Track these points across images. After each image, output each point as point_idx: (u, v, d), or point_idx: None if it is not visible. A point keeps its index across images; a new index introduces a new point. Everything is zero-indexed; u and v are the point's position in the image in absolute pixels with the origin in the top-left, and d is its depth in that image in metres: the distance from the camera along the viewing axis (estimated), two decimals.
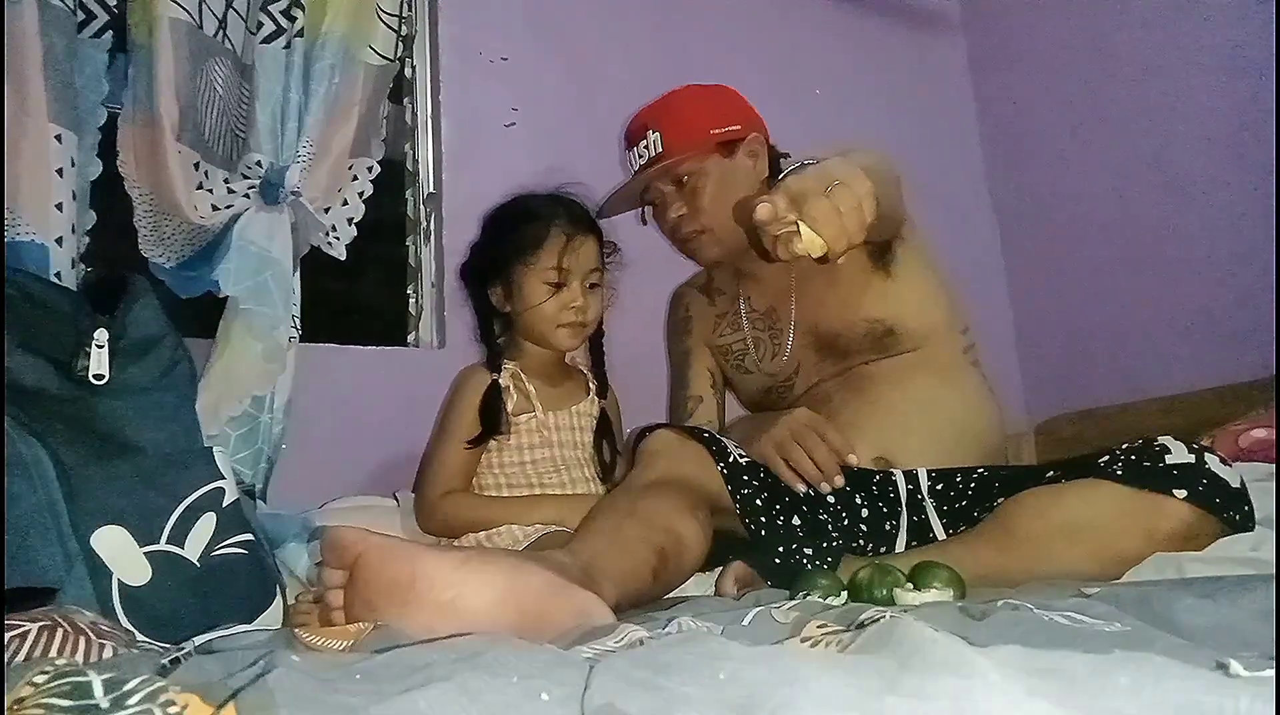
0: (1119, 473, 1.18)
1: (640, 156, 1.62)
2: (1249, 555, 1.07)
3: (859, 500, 1.40)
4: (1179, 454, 1.17)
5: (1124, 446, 1.22)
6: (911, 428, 1.47)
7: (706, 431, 1.36)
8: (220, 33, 1.71)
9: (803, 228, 1.05)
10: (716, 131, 1.61)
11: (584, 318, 1.58)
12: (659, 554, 1.15)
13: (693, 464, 1.30)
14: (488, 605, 0.85)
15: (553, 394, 1.65)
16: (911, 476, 1.43)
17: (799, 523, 1.30)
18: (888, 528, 1.40)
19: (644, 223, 1.73)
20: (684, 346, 1.79)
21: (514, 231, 1.61)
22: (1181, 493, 1.13)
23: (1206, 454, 1.18)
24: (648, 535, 1.16)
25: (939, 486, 1.41)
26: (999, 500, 1.29)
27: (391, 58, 1.81)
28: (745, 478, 1.30)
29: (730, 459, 1.32)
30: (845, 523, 1.36)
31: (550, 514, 1.51)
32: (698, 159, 1.58)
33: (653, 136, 1.60)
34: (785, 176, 1.18)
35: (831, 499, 1.37)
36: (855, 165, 1.11)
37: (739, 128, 1.63)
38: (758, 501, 1.29)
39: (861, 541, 1.37)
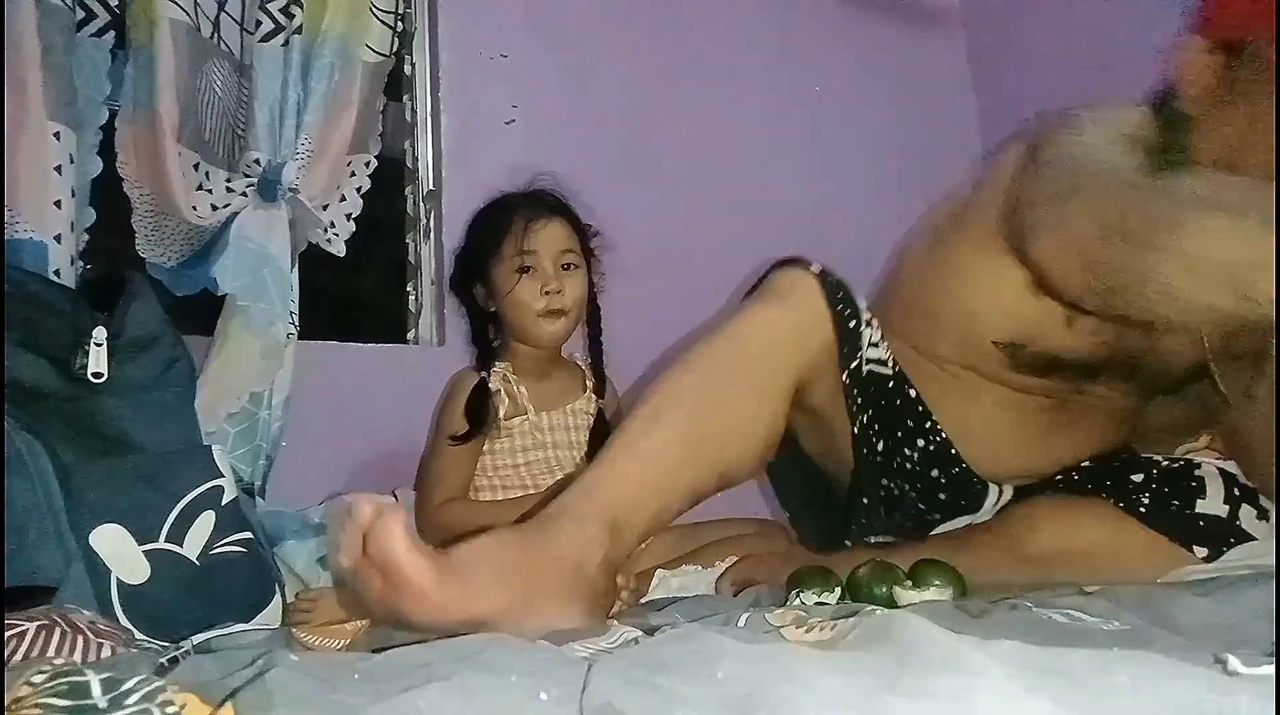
0: (1143, 510, 1.12)
1: None
2: (1251, 563, 1.06)
3: (939, 490, 1.24)
4: (1213, 501, 1.10)
5: (1164, 467, 1.14)
6: (1071, 463, 1.27)
7: (856, 315, 1.08)
8: (215, 34, 1.70)
9: None
10: None
11: (562, 303, 1.56)
12: (695, 498, 1.00)
13: (815, 350, 1.05)
14: (497, 625, 0.79)
15: (546, 392, 1.64)
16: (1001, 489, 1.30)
17: (889, 479, 1.16)
18: (935, 515, 1.29)
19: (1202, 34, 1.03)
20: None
21: (482, 230, 1.63)
22: (1202, 552, 1.09)
23: (1244, 506, 1.09)
24: (699, 481, 0.98)
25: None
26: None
27: (387, 54, 1.81)
28: (872, 391, 1.09)
29: (856, 362, 1.07)
30: (937, 503, 1.25)
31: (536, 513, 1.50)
32: None
33: None
34: None
35: (912, 467, 1.20)
36: None
37: None
38: (868, 416, 1.10)
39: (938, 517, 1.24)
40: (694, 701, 0.49)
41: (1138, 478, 1.16)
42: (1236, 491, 1.11)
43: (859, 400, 1.09)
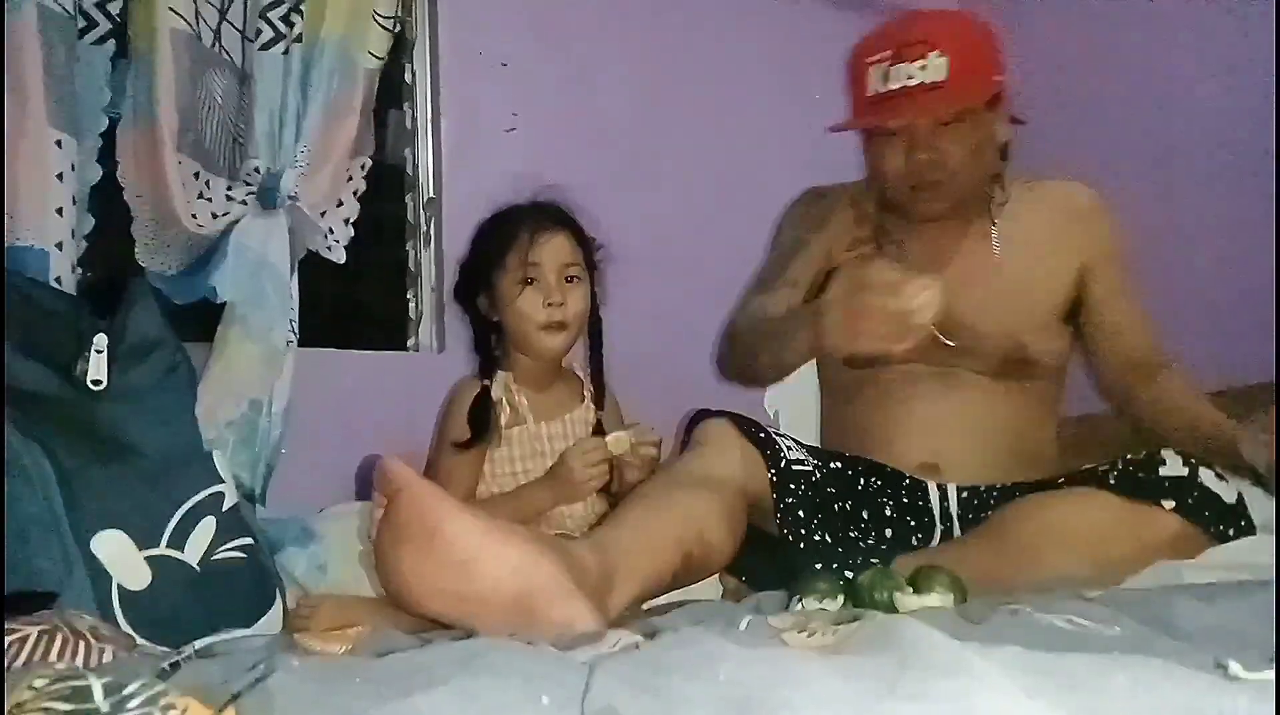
0: (1112, 482, 1.19)
1: (910, 77, 1.34)
2: (1248, 561, 1.07)
3: (889, 512, 1.36)
4: (1173, 466, 1.18)
5: (1126, 457, 1.22)
6: (973, 437, 1.42)
7: (763, 430, 1.30)
8: (216, 43, 1.71)
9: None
10: (998, 79, 1.40)
11: (564, 315, 1.57)
12: (685, 558, 1.14)
13: (742, 463, 1.26)
14: (490, 581, 0.89)
15: (545, 402, 1.64)
16: (942, 487, 1.40)
17: (837, 538, 1.27)
18: (914, 541, 1.37)
19: (835, 131, 1.49)
20: (803, 236, 1.59)
21: (487, 241, 1.63)
22: (1170, 503, 1.14)
23: (1201, 468, 1.18)
24: (679, 537, 1.14)
25: (963, 495, 1.39)
26: None
27: (383, 56, 1.81)
28: (793, 486, 1.26)
29: (783, 464, 1.27)
30: (888, 535, 1.34)
31: (543, 498, 1.51)
32: (981, 106, 1.37)
33: (938, 60, 1.32)
34: None
35: (865, 514, 1.34)
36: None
37: (1003, 80, 1.42)
38: (800, 513, 1.26)
39: (894, 552, 1.32)
40: (695, 704, 0.49)
41: (1104, 467, 1.23)
42: (1194, 460, 1.20)
43: (789, 488, 1.27)
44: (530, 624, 0.85)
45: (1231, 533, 1.14)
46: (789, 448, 1.31)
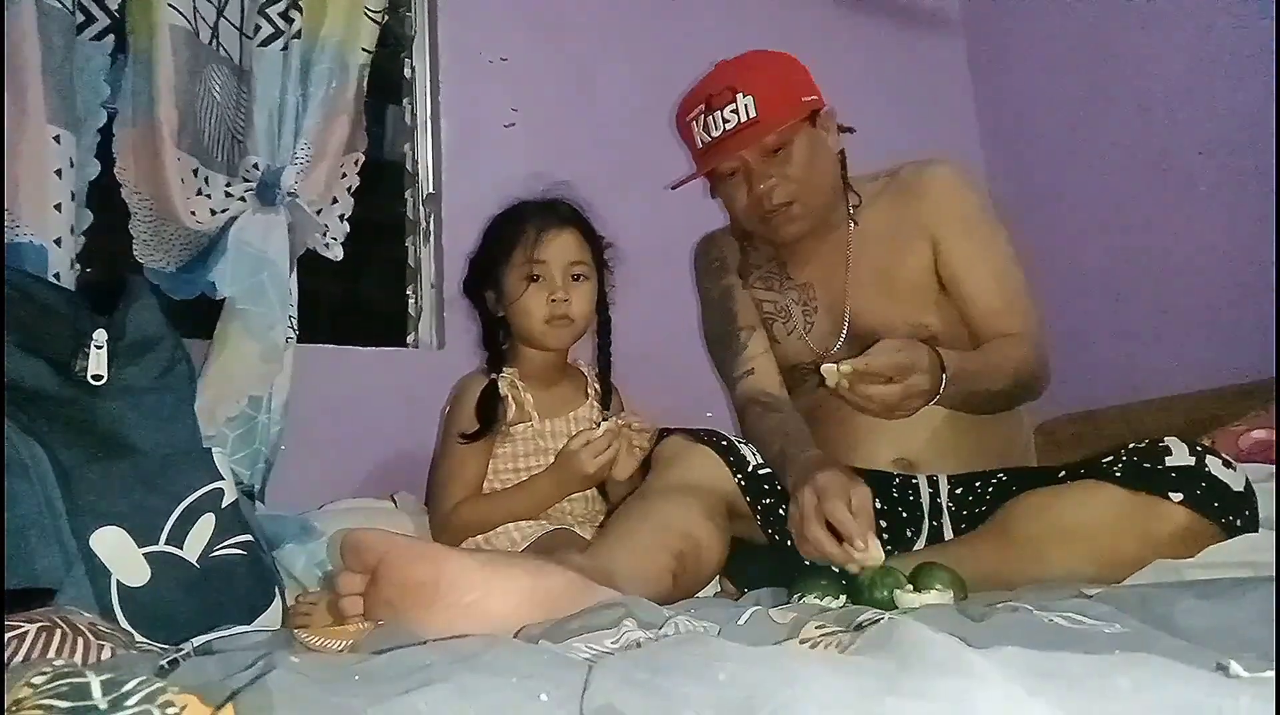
0: (1118, 474, 1.18)
1: (726, 121, 1.47)
2: (1248, 559, 1.06)
3: (879, 505, 1.35)
4: (1180, 456, 1.16)
5: (1130, 447, 1.21)
6: (936, 432, 1.43)
7: (725, 438, 1.34)
8: (214, 39, 1.71)
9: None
10: (806, 99, 1.51)
11: (568, 311, 1.57)
12: (678, 558, 1.16)
13: (707, 469, 1.30)
14: (512, 607, 0.87)
15: (551, 399, 1.64)
16: (932, 481, 1.41)
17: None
18: (908, 535, 1.38)
19: (713, 196, 1.60)
20: (724, 282, 1.66)
21: (495, 236, 1.64)
22: (1178, 496, 1.13)
23: (1208, 456, 1.17)
24: (665, 540, 1.17)
25: (958, 491, 1.40)
26: None
27: (373, 49, 1.81)
28: (765, 487, 1.29)
29: (749, 469, 1.30)
30: (879, 527, 1.34)
31: (550, 491, 1.52)
32: (794, 127, 1.47)
33: (744, 100, 1.45)
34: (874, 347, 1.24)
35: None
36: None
37: (817, 97, 1.53)
38: (780, 511, 1.27)
39: (887, 546, 1.33)
40: (695, 703, 0.49)
41: (1108, 458, 1.22)
42: (1199, 448, 1.18)
43: (763, 490, 1.30)
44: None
45: (1239, 523, 1.13)
46: (755, 453, 1.35)
